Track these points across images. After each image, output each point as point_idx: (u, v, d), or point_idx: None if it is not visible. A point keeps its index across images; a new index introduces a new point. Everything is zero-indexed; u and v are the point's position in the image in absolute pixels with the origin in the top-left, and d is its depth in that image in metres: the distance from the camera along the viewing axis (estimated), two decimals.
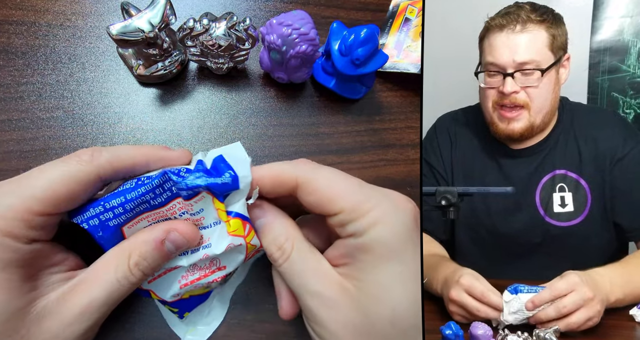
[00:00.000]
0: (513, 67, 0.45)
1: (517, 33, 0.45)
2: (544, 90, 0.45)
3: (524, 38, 0.45)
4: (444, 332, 0.36)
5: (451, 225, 0.51)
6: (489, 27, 0.47)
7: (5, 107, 0.41)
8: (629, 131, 0.47)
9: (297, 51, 0.41)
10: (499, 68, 0.45)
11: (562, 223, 0.47)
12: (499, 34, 0.46)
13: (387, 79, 0.51)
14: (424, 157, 0.51)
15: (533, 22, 0.45)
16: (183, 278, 0.31)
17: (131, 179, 0.30)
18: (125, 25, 0.37)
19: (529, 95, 0.45)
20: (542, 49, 0.45)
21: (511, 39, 0.45)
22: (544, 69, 0.44)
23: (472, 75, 0.49)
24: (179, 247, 0.29)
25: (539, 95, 0.45)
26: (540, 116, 0.46)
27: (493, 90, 0.47)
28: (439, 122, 0.53)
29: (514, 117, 0.46)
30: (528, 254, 0.41)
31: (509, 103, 0.46)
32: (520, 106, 0.46)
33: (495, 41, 0.46)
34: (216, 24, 0.41)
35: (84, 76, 0.44)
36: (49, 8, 0.46)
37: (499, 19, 0.46)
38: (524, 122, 0.46)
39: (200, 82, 0.46)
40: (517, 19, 0.45)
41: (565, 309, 0.37)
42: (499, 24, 0.45)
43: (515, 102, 0.46)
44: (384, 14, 0.55)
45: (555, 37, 0.45)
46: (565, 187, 0.47)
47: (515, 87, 0.45)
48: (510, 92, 0.45)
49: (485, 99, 0.48)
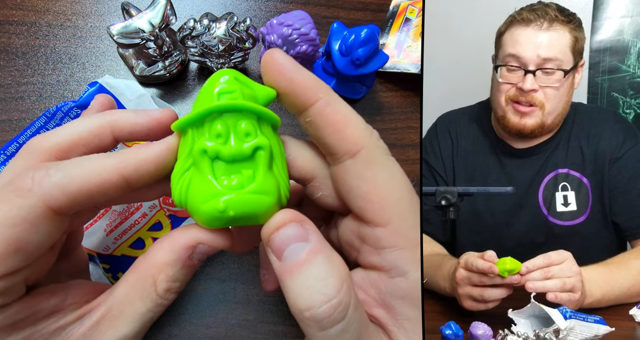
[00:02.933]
0: (535, 64, 0.45)
1: (544, 30, 0.45)
2: (562, 92, 0.45)
3: (550, 36, 0.45)
4: (444, 332, 0.36)
5: (452, 227, 0.51)
6: (514, 21, 0.46)
7: (5, 107, 0.41)
8: (628, 131, 0.47)
9: (298, 51, 0.41)
10: (520, 63, 0.45)
11: (566, 222, 0.47)
12: (524, 29, 0.45)
13: (387, 79, 0.51)
14: (424, 157, 0.51)
15: (560, 22, 0.45)
16: (107, 226, 0.33)
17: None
18: (126, 26, 0.38)
19: (546, 95, 0.45)
20: (565, 49, 0.45)
21: (537, 35, 0.45)
22: (567, 70, 0.44)
23: (472, 75, 0.49)
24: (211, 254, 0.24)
25: (556, 96, 0.45)
26: (552, 117, 0.46)
27: (510, 86, 0.46)
28: (439, 122, 0.53)
29: (527, 113, 0.46)
30: (531, 254, 0.41)
31: (525, 101, 0.46)
32: (535, 104, 0.46)
33: (520, 36, 0.45)
34: (216, 24, 0.41)
35: (85, 76, 0.44)
36: (49, 8, 0.46)
37: (527, 13, 0.45)
38: (535, 119, 0.46)
39: (200, 82, 0.46)
40: (545, 16, 0.45)
41: (550, 273, 0.38)
42: (527, 19, 0.45)
43: (532, 100, 0.45)
44: (385, 14, 0.55)
45: (577, 40, 0.45)
46: (567, 186, 0.47)
47: (535, 86, 0.45)
48: (529, 90, 0.45)
49: (498, 93, 0.47)
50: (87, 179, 0.20)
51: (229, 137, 0.21)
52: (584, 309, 0.39)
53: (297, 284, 0.20)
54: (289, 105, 0.23)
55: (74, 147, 0.24)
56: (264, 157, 0.21)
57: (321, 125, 0.22)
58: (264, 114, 0.22)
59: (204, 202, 0.20)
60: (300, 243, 0.21)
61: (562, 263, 0.39)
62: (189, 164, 0.21)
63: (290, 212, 0.22)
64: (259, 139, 0.21)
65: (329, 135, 0.22)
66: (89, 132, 0.24)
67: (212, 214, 0.20)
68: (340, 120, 0.22)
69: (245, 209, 0.20)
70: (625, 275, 0.41)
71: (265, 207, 0.21)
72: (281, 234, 0.21)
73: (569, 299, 0.38)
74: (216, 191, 0.20)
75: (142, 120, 0.25)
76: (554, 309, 0.37)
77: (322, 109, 0.22)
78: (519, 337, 0.37)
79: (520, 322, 0.38)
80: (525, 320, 0.39)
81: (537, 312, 0.38)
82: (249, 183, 0.21)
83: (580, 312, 0.37)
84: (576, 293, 0.38)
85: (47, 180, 0.20)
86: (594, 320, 0.37)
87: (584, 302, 0.39)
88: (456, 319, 0.40)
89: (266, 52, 0.22)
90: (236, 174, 0.21)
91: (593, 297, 0.40)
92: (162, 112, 0.26)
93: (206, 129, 0.21)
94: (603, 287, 0.40)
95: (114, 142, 0.26)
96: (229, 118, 0.21)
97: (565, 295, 0.38)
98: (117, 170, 0.21)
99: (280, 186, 0.22)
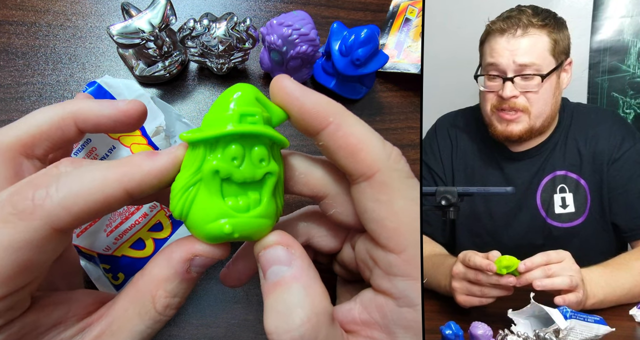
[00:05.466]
0: (513, 70, 0.45)
1: (518, 37, 0.45)
2: (545, 95, 0.45)
3: (525, 42, 0.45)
4: (444, 332, 0.36)
5: (451, 229, 0.51)
6: (490, 31, 0.47)
7: (5, 108, 0.41)
8: (627, 131, 0.47)
9: (298, 51, 0.41)
10: (499, 71, 0.45)
11: (564, 224, 0.47)
12: (499, 38, 0.46)
13: (387, 79, 0.51)
14: (423, 159, 0.51)
15: (535, 27, 0.45)
16: (107, 226, 0.33)
17: None
18: (126, 26, 0.38)
19: (529, 100, 0.45)
20: (543, 53, 0.45)
21: (512, 43, 0.45)
22: (544, 75, 0.44)
23: (473, 75, 0.49)
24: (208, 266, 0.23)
25: (539, 100, 0.45)
26: (540, 120, 0.46)
27: (492, 94, 0.47)
28: (439, 124, 0.53)
29: (513, 119, 0.46)
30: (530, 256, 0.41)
31: (508, 107, 0.46)
32: (519, 110, 0.46)
33: (496, 45, 0.46)
34: (216, 25, 0.41)
35: (85, 76, 0.44)
36: (49, 8, 0.46)
37: (500, 23, 0.46)
38: (523, 124, 0.46)
39: (200, 82, 0.46)
40: (518, 23, 0.45)
41: (550, 271, 0.38)
42: (500, 28, 0.45)
43: (515, 106, 0.46)
44: (384, 14, 0.55)
45: (557, 41, 0.45)
46: (565, 188, 0.47)
47: (515, 92, 0.45)
48: (509, 97, 0.45)
49: (484, 101, 0.48)
50: (90, 196, 0.19)
51: (243, 161, 0.21)
52: (586, 310, 0.39)
53: (269, 304, 0.21)
54: (300, 130, 0.23)
55: (37, 142, 0.24)
56: (271, 182, 0.21)
57: (334, 150, 0.22)
58: (279, 141, 0.22)
59: (210, 222, 0.20)
60: (283, 266, 0.21)
61: (562, 261, 0.39)
62: (195, 180, 0.21)
63: (281, 236, 0.22)
64: (271, 164, 0.21)
65: (343, 159, 0.22)
66: (50, 125, 0.24)
67: (216, 234, 0.21)
68: (353, 144, 0.22)
69: (249, 232, 0.21)
70: (626, 276, 0.41)
71: (265, 230, 0.22)
72: (267, 254, 0.22)
73: (576, 299, 0.38)
74: (223, 212, 0.20)
75: (107, 112, 0.24)
76: (554, 309, 0.37)
77: (333, 133, 0.22)
78: (519, 337, 0.37)
79: (520, 322, 0.38)
80: (525, 320, 0.39)
81: (537, 312, 0.38)
82: (254, 206, 0.21)
83: (581, 312, 0.37)
84: (579, 292, 0.38)
85: (48, 201, 0.19)
86: (594, 321, 0.37)
87: (586, 303, 0.39)
88: (456, 319, 0.39)
89: (274, 80, 0.22)
90: (242, 196, 0.21)
91: (595, 298, 0.39)
92: (128, 104, 0.25)
93: (220, 149, 0.20)
94: (605, 288, 0.40)
95: (79, 134, 0.25)
96: (246, 142, 0.21)
97: (574, 297, 0.38)
98: (120, 185, 0.20)
99: (278, 207, 0.23)
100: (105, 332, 0.22)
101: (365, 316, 0.24)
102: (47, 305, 0.22)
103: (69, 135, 0.25)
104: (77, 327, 0.22)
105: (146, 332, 0.22)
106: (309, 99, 0.22)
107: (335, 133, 0.22)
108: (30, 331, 0.21)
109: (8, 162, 0.23)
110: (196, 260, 0.22)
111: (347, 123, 0.22)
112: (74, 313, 0.22)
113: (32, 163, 0.24)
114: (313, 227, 0.28)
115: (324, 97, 0.22)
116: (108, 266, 0.35)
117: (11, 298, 0.19)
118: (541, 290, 0.38)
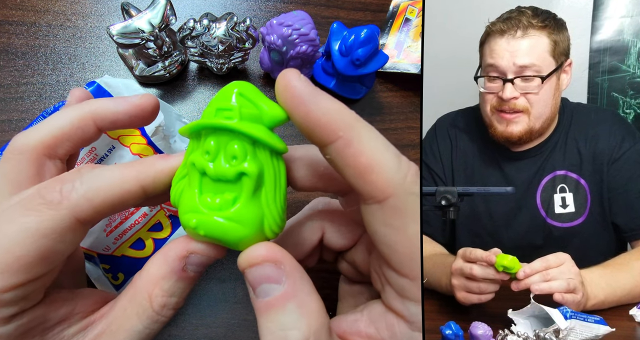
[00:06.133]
0: (513, 72, 0.45)
1: (518, 38, 0.45)
2: (545, 96, 0.45)
3: (525, 43, 0.45)
4: (444, 332, 0.36)
5: (452, 229, 0.51)
6: (490, 32, 0.47)
7: (5, 107, 0.41)
8: (627, 131, 0.47)
9: (298, 51, 0.41)
10: (499, 72, 0.45)
11: (564, 224, 0.47)
12: (499, 39, 0.45)
13: (387, 79, 0.51)
14: (423, 159, 0.51)
15: (534, 28, 0.45)
16: (107, 226, 0.33)
17: None
18: (126, 26, 0.38)
19: (529, 101, 0.45)
20: (543, 54, 0.45)
21: (512, 45, 0.45)
22: (544, 76, 0.44)
23: (473, 75, 0.49)
24: (205, 265, 0.23)
25: (539, 101, 0.45)
26: (540, 121, 0.46)
27: (492, 95, 0.47)
28: (439, 124, 0.53)
29: (513, 119, 0.46)
30: (530, 256, 0.41)
31: (508, 109, 0.46)
32: (519, 111, 0.46)
33: (496, 45, 0.46)
34: (216, 25, 0.41)
35: (84, 76, 0.44)
36: (49, 8, 0.46)
37: (500, 24, 0.46)
38: (522, 125, 0.46)
39: (200, 82, 0.46)
40: (517, 25, 0.45)
41: (549, 276, 0.38)
42: (500, 30, 0.45)
43: (515, 108, 0.46)
44: (384, 14, 0.55)
45: (557, 43, 0.45)
46: (565, 187, 0.47)
47: (515, 93, 0.45)
48: (509, 98, 0.45)
49: (484, 102, 0.48)
50: (111, 190, 0.21)
51: (218, 156, 0.20)
52: (586, 310, 0.39)
53: (264, 325, 0.20)
54: (305, 136, 0.20)
55: (59, 143, 0.24)
56: (248, 185, 0.20)
57: (342, 167, 0.20)
58: (259, 140, 0.19)
59: (184, 213, 0.20)
60: (273, 285, 0.19)
61: (561, 265, 0.39)
62: (185, 172, 0.21)
63: (267, 250, 0.20)
64: (248, 164, 0.19)
65: (352, 178, 0.20)
66: (71, 125, 0.25)
67: (185, 227, 0.20)
68: (364, 164, 0.19)
69: (215, 233, 0.20)
70: (627, 277, 0.41)
71: (238, 238, 0.20)
72: (254, 272, 0.20)
73: (573, 299, 0.38)
74: (195, 206, 0.20)
75: (122, 108, 0.25)
76: (555, 309, 0.37)
77: (342, 150, 0.19)
78: (519, 337, 0.37)
79: (520, 322, 0.38)
80: (525, 320, 0.39)
81: (537, 312, 0.38)
82: (227, 207, 0.20)
83: (581, 312, 0.37)
84: (577, 294, 0.38)
85: (74, 193, 0.20)
86: (594, 321, 0.37)
87: (587, 305, 0.39)
88: (456, 319, 0.39)
89: (281, 75, 0.19)
90: (220, 195, 0.20)
91: (596, 298, 0.39)
92: (140, 98, 0.25)
93: (201, 142, 0.20)
94: (605, 289, 0.40)
95: (98, 132, 0.26)
96: (222, 137, 0.20)
97: (570, 297, 0.38)
98: (137, 180, 0.21)
99: (266, 218, 0.20)
100: (105, 332, 0.22)
101: (372, 331, 0.23)
102: (56, 301, 0.22)
103: (88, 134, 0.25)
104: (81, 324, 0.23)
105: (144, 332, 0.22)
106: (318, 105, 0.19)
107: (345, 150, 0.19)
108: (37, 325, 0.21)
109: (32, 162, 0.24)
110: (192, 258, 0.21)
111: (359, 139, 0.19)
112: (79, 311, 0.23)
113: (54, 163, 0.25)
114: (325, 222, 0.26)
115: (335, 103, 0.19)
116: (108, 266, 0.35)
117: (28, 287, 0.20)
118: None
